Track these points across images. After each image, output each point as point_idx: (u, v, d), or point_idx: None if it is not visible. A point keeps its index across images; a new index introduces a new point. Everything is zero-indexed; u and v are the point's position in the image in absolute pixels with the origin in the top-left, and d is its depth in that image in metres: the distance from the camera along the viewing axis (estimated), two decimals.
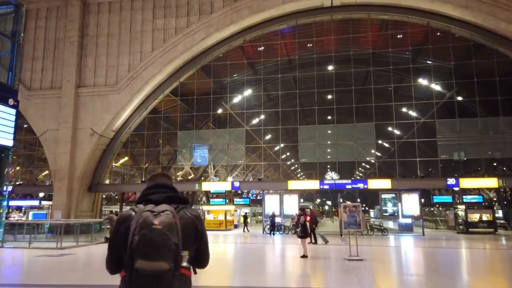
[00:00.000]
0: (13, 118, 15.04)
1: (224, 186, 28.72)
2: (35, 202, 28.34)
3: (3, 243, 16.26)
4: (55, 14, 29.03)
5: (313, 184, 26.22)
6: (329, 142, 27.46)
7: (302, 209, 14.17)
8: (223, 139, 29.25)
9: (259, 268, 11.78)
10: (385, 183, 24.80)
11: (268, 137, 36.69)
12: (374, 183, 24.90)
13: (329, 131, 27.46)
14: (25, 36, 29.17)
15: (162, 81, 28.29)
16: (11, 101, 14.91)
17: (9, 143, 14.97)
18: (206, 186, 28.19)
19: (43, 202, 28.44)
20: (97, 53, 28.10)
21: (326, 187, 25.49)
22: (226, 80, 30.44)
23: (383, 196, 25.38)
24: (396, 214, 24.88)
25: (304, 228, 12.56)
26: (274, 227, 24.54)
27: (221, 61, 29.25)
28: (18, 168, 34.57)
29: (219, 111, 32.78)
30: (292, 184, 26.36)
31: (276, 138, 30.41)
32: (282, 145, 32.35)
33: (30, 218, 23.52)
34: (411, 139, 25.73)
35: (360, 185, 25.28)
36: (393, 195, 25.16)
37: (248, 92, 30.79)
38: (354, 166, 34.19)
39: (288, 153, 50.11)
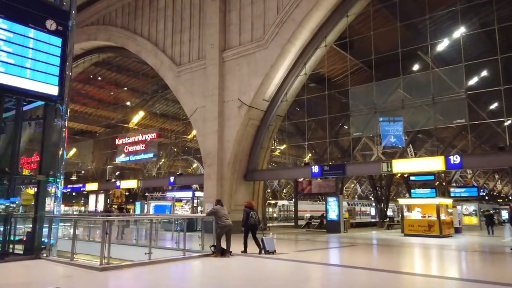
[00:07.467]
0: (56, 50, 9.57)
1: (432, 164, 17.44)
2: (189, 194, 24.52)
3: (50, 252, 9.37)
4: None
5: None
6: None
7: None
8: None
9: None
10: None
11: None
12: None
13: None
14: (173, 8, 26.38)
15: (322, 21, 20.02)
16: (50, 24, 9.48)
17: (52, 90, 9.56)
18: (400, 166, 17.62)
19: (197, 193, 24.31)
20: (241, 3, 22.16)
21: None
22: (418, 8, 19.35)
23: None
24: None
25: None
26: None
27: None
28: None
29: (415, 67, 22.26)
30: None
31: None
32: None
33: (151, 211, 19.04)
34: None
35: None
36: None
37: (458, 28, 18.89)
38: None
39: None
